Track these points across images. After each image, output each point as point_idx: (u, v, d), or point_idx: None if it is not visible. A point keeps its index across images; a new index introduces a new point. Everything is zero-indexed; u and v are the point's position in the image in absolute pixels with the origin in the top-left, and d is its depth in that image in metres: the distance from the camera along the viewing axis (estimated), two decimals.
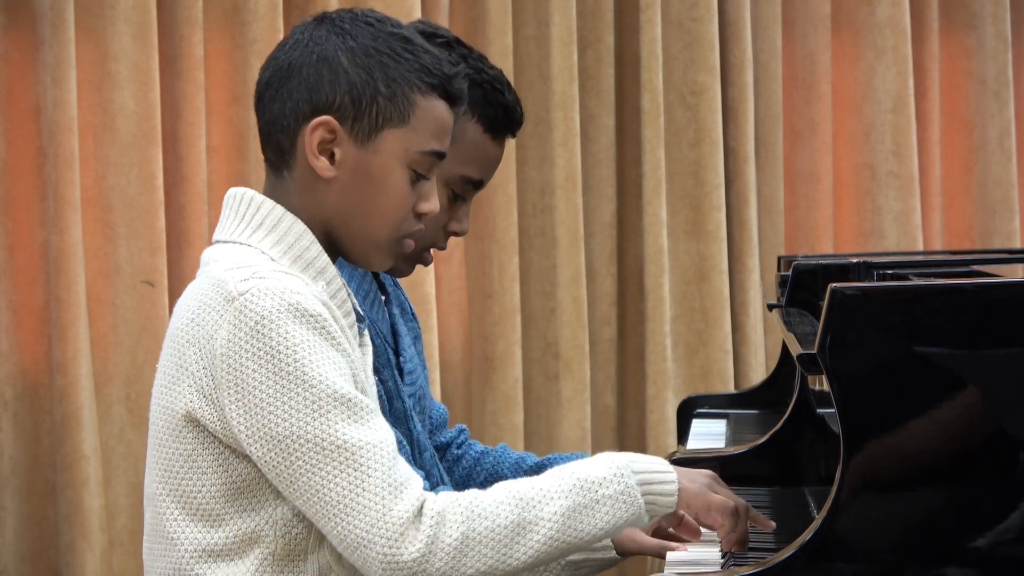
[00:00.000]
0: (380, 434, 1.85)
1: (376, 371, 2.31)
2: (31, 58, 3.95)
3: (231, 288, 1.87)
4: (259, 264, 1.91)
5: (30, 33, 3.95)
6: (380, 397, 2.27)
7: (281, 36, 4.10)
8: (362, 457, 1.83)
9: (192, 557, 1.90)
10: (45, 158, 3.92)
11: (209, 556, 1.90)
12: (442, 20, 4.27)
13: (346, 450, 1.83)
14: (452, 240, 4.41)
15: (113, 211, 3.98)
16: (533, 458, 2.59)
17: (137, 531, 3.98)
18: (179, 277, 4.03)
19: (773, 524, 2.16)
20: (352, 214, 1.98)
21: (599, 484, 1.88)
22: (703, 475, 2.03)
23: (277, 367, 1.84)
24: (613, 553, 2.20)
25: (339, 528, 1.83)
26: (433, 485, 2.41)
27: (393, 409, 2.35)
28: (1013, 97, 4.82)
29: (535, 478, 1.90)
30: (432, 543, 1.82)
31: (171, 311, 4.00)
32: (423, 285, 4.20)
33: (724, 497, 2.02)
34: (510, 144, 4.33)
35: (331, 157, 1.97)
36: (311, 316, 1.85)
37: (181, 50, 4.03)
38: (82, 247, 3.91)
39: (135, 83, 3.97)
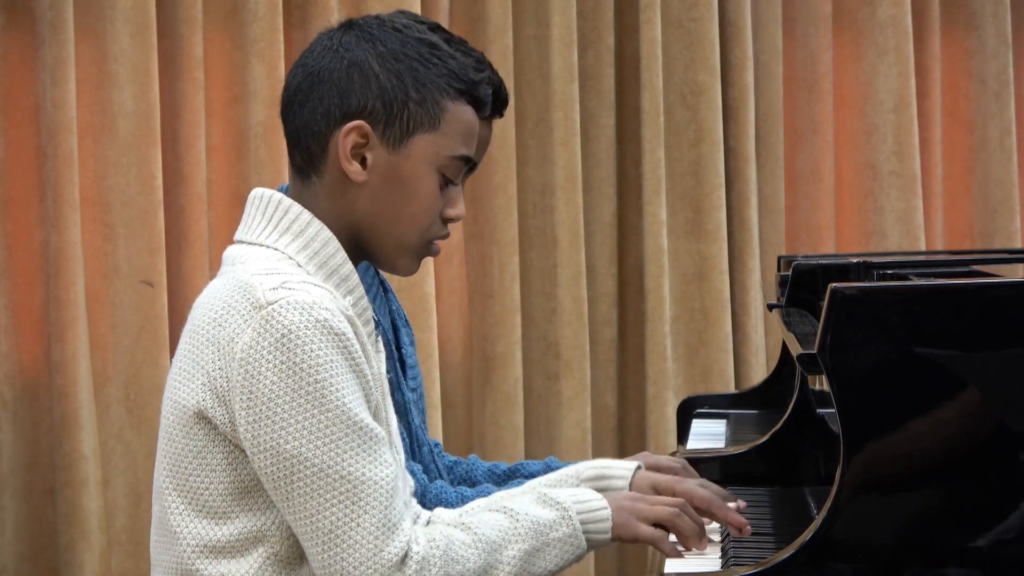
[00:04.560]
0: (384, 470, 1.86)
1: None
2: (31, 58, 3.95)
3: (259, 295, 1.87)
4: (288, 272, 1.92)
5: (30, 33, 3.95)
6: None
7: (281, 36, 4.10)
8: (363, 492, 1.84)
9: (194, 552, 1.91)
10: (44, 158, 3.91)
11: (212, 552, 1.90)
12: (442, 20, 4.26)
13: (348, 482, 1.84)
14: (452, 241, 4.42)
15: (112, 211, 3.98)
16: (504, 466, 2.61)
17: (136, 531, 3.98)
18: (178, 277, 4.03)
19: (736, 516, 2.18)
20: (382, 219, 1.99)
21: (549, 527, 1.97)
22: (627, 494, 2.10)
23: (297, 383, 1.84)
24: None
25: (325, 556, 1.85)
26: (431, 479, 2.43)
27: (393, 401, 2.37)
28: (1014, 97, 4.82)
29: (496, 517, 1.97)
30: None
31: (170, 311, 4.06)
32: (423, 285, 4.20)
33: (653, 519, 2.04)
34: (510, 144, 4.36)
35: (363, 162, 1.98)
36: (337, 335, 1.85)
37: (181, 50, 4.03)
38: (81, 247, 3.91)
39: (134, 83, 3.97)
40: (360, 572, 1.84)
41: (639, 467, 2.18)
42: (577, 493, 2.03)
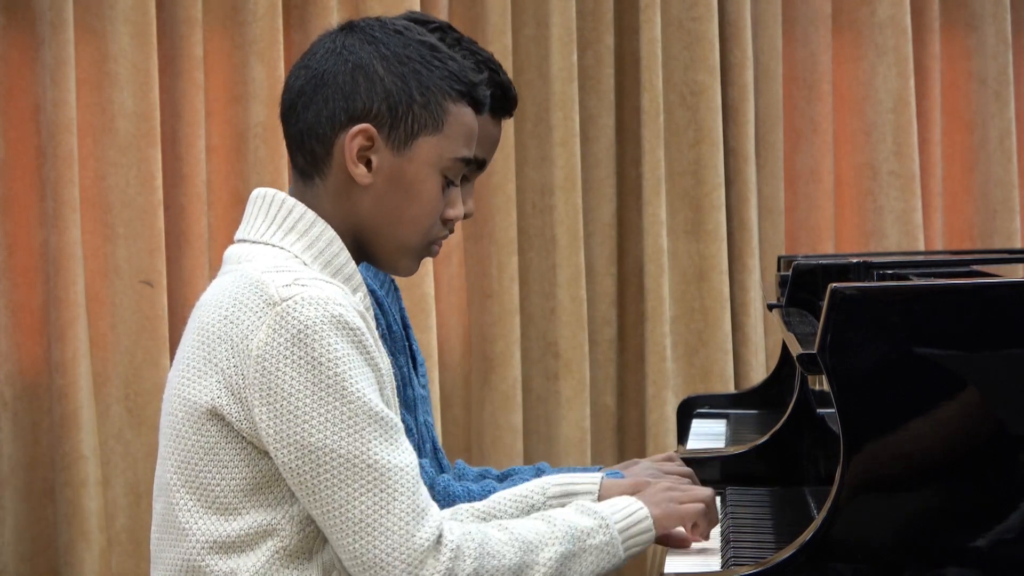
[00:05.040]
0: (407, 456, 1.88)
1: (392, 354, 2.33)
2: (31, 58, 3.95)
3: (272, 292, 1.88)
4: (298, 269, 1.93)
5: (30, 33, 3.95)
6: (395, 383, 2.30)
7: (281, 36, 4.10)
8: (390, 479, 1.85)
9: (203, 548, 1.91)
10: (44, 158, 3.91)
11: (220, 548, 1.91)
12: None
13: (376, 470, 1.85)
14: (451, 241, 4.42)
15: (112, 211, 3.98)
16: (495, 472, 2.61)
17: (136, 531, 3.98)
18: (178, 277, 4.03)
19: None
20: (385, 220, 2.01)
21: (587, 534, 1.98)
22: (656, 486, 2.12)
23: (317, 378, 1.85)
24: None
25: (357, 545, 1.85)
26: (436, 474, 2.43)
27: (404, 396, 2.38)
28: (1014, 97, 4.82)
29: (531, 521, 1.98)
30: (449, 574, 1.86)
31: (170, 311, 4.06)
32: (422, 285, 4.20)
33: (690, 501, 2.10)
34: (510, 144, 4.35)
35: (368, 164, 1.99)
36: (352, 329, 1.87)
37: (180, 50, 4.03)
38: (81, 247, 3.91)
39: (134, 83, 3.97)
40: (394, 558, 1.85)
41: (603, 476, 2.18)
42: (613, 502, 2.04)
